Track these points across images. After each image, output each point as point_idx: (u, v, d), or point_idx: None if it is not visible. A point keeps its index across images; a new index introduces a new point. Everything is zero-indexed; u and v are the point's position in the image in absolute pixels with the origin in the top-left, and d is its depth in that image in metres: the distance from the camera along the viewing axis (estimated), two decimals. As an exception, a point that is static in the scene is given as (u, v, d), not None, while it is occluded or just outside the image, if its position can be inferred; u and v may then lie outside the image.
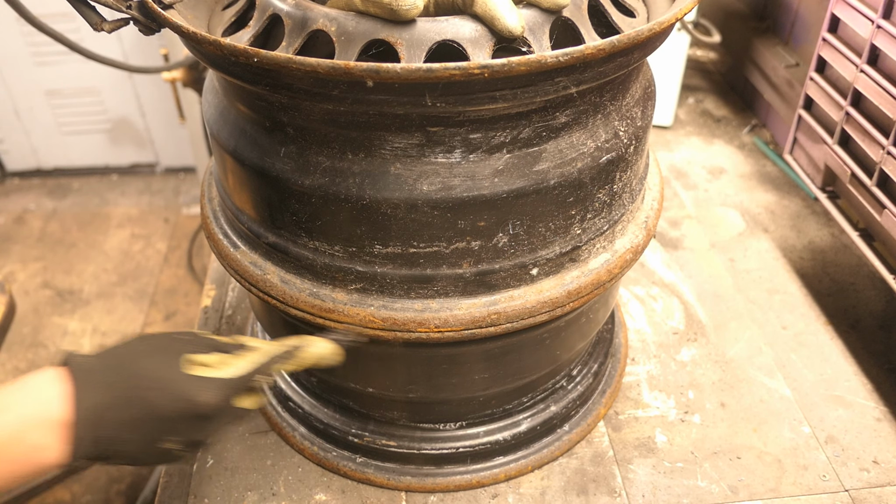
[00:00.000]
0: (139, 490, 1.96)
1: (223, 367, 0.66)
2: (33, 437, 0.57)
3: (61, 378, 0.59)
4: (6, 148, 3.13)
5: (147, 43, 2.68)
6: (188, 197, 3.08)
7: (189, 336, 0.68)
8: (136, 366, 0.62)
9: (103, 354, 0.63)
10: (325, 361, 0.71)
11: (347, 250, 0.67)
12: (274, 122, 0.65)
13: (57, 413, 0.57)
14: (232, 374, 0.65)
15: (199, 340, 0.67)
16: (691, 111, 1.68)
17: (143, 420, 0.61)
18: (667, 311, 1.15)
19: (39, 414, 0.57)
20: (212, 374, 0.64)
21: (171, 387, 0.62)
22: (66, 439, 0.58)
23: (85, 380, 0.59)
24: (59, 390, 0.58)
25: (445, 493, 0.89)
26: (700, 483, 0.90)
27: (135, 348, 0.64)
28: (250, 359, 0.67)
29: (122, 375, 0.61)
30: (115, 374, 0.61)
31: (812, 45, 1.41)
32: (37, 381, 0.59)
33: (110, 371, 0.61)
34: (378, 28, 0.60)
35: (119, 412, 0.60)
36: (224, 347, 0.68)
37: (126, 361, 0.62)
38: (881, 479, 0.90)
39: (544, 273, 0.71)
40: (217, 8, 0.76)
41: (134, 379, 0.61)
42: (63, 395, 0.58)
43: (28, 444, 0.57)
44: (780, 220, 1.34)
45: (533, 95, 0.58)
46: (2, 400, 0.58)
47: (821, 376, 1.04)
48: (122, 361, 0.62)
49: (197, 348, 0.66)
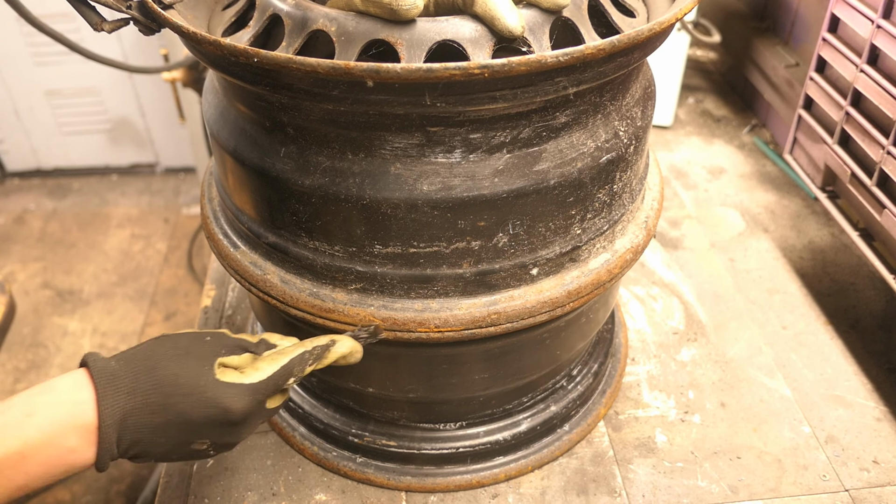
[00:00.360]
0: (139, 490, 1.96)
1: (252, 370, 0.65)
2: (64, 441, 0.58)
3: (87, 382, 0.60)
4: (6, 148, 3.13)
5: (147, 43, 2.68)
6: (188, 197, 3.08)
7: (217, 337, 0.67)
8: (164, 371, 0.62)
9: (130, 358, 0.63)
10: (349, 359, 0.70)
11: (347, 250, 0.67)
12: (274, 122, 0.65)
13: (85, 418, 0.58)
14: (262, 377, 0.64)
15: (227, 341, 0.67)
16: (691, 111, 1.68)
17: (172, 426, 0.61)
18: (667, 311, 1.15)
19: (69, 419, 0.58)
20: (242, 379, 0.64)
21: (202, 394, 0.61)
22: (95, 442, 0.59)
23: (109, 384, 0.59)
24: (86, 395, 0.59)
25: (445, 493, 0.89)
26: (700, 483, 0.90)
27: (162, 351, 0.64)
28: (278, 360, 0.66)
29: (150, 381, 0.61)
30: (144, 380, 0.61)
31: (812, 45, 1.41)
32: (65, 385, 0.60)
33: (138, 376, 0.61)
34: (378, 28, 0.60)
35: (147, 417, 0.60)
36: (252, 347, 0.67)
37: (153, 366, 0.62)
38: (881, 479, 0.90)
39: (544, 273, 0.71)
40: (217, 8, 0.76)
41: (163, 386, 0.61)
42: (90, 400, 0.59)
43: (59, 447, 0.58)
44: (780, 220, 1.34)
45: (533, 95, 0.58)
46: (31, 403, 0.59)
47: (821, 376, 1.04)
48: (149, 365, 0.62)
49: (225, 350, 0.65)
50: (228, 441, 0.66)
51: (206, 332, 0.67)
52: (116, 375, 0.60)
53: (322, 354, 0.69)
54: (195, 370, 0.62)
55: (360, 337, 0.70)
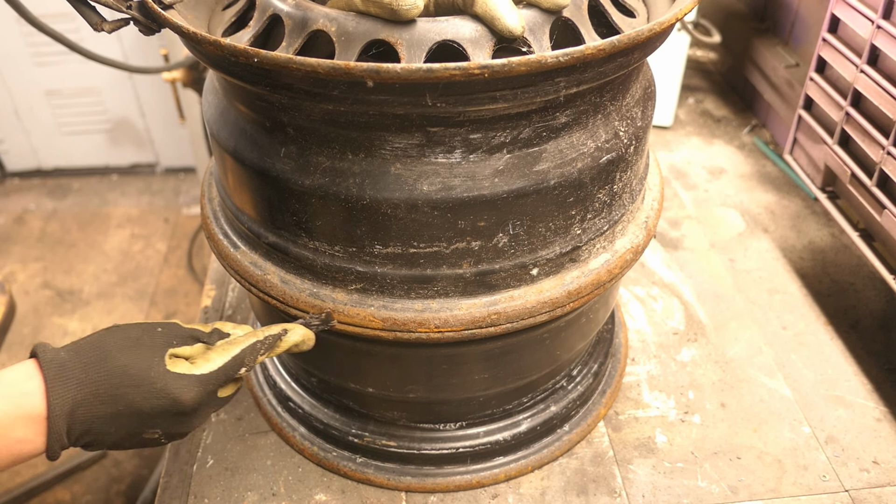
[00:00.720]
0: (139, 490, 1.96)
1: (203, 360, 0.65)
2: (12, 432, 0.58)
3: (36, 373, 0.60)
4: (6, 148, 3.13)
5: (147, 43, 2.68)
6: (188, 197, 3.08)
7: (168, 327, 0.67)
8: (115, 362, 0.61)
9: (80, 348, 0.62)
10: (301, 347, 0.71)
11: (347, 250, 0.67)
12: (274, 122, 0.65)
13: (34, 408, 0.58)
14: (212, 368, 0.64)
15: (179, 331, 0.66)
16: (691, 111, 1.68)
17: (122, 416, 0.61)
18: (667, 311, 1.15)
19: (17, 409, 0.58)
20: (193, 370, 0.64)
21: (152, 385, 0.61)
22: (44, 432, 0.59)
23: (58, 375, 0.59)
24: (35, 386, 0.59)
25: (445, 494, 0.89)
26: (700, 483, 0.90)
27: (112, 341, 0.63)
28: (230, 350, 0.66)
29: (100, 372, 0.61)
30: (93, 371, 0.61)
31: (812, 45, 1.41)
32: (13, 376, 0.60)
33: (87, 367, 0.61)
34: (378, 28, 0.60)
35: (97, 408, 0.60)
36: (205, 337, 0.67)
37: (103, 356, 0.62)
38: (881, 479, 0.90)
39: (544, 273, 0.71)
40: (217, 8, 0.76)
41: (112, 377, 0.61)
42: (39, 391, 0.59)
43: (7, 438, 0.58)
44: (780, 220, 1.34)
45: (533, 95, 0.58)
46: None
47: (821, 376, 1.04)
48: (99, 356, 0.62)
49: (177, 340, 0.65)
50: (180, 430, 0.65)
51: (157, 323, 0.67)
52: (65, 366, 0.60)
53: (274, 343, 0.69)
54: (145, 361, 0.62)
55: (311, 325, 0.70)
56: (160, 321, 0.68)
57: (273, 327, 0.70)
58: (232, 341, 0.68)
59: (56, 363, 0.60)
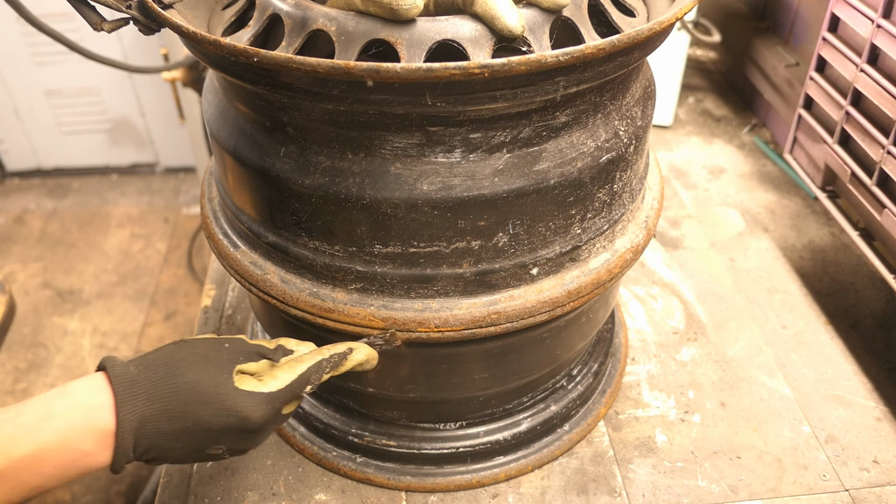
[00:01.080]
0: (139, 490, 1.96)
1: (270, 377, 0.65)
2: (80, 445, 0.58)
3: (105, 387, 0.60)
4: (6, 148, 3.13)
5: (147, 43, 2.68)
6: (188, 197, 3.08)
7: (235, 343, 0.67)
8: (184, 378, 0.62)
9: (149, 363, 0.63)
10: (365, 366, 0.71)
11: (347, 250, 0.67)
12: (274, 121, 0.65)
13: (102, 422, 0.59)
14: (280, 385, 0.64)
15: (245, 348, 0.67)
16: (691, 111, 1.68)
17: (190, 432, 0.61)
18: (667, 311, 1.15)
19: (86, 423, 0.58)
20: (261, 388, 0.64)
21: (221, 403, 0.62)
22: (111, 446, 0.59)
23: (128, 390, 0.60)
24: (104, 399, 0.59)
25: (445, 493, 0.89)
26: (700, 483, 0.90)
27: (181, 357, 0.63)
28: (296, 368, 0.66)
29: (169, 388, 0.61)
30: (163, 386, 0.61)
31: (812, 44, 1.41)
32: (82, 389, 0.60)
33: (157, 382, 0.61)
34: (378, 28, 0.60)
35: (165, 424, 0.60)
36: (269, 354, 0.68)
37: (172, 372, 0.62)
38: (881, 478, 0.90)
39: (544, 273, 0.71)
40: (217, 8, 0.76)
41: (181, 393, 0.61)
42: (108, 405, 0.59)
43: (76, 451, 0.58)
44: (780, 220, 1.34)
45: (533, 95, 0.58)
46: (48, 406, 0.59)
47: (821, 376, 1.04)
48: (167, 372, 0.62)
49: (243, 356, 0.65)
50: (244, 447, 0.66)
51: (224, 339, 0.67)
52: (135, 381, 0.60)
53: (339, 362, 0.69)
54: (214, 377, 0.62)
55: (375, 344, 0.70)
56: (227, 336, 0.68)
57: (338, 346, 0.70)
58: (297, 359, 0.68)
59: (126, 378, 0.60)
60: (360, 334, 0.71)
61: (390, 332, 0.70)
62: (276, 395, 0.64)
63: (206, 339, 0.67)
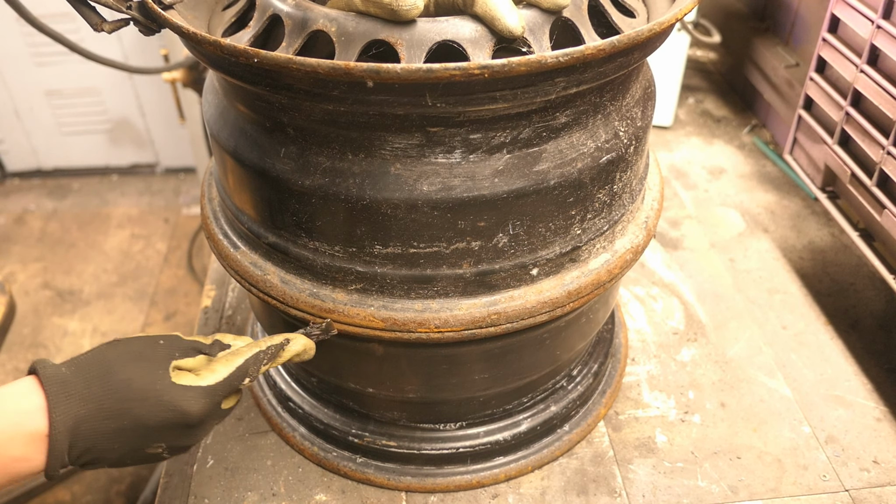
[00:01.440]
0: (139, 490, 1.96)
1: (207, 371, 0.65)
2: (10, 450, 0.57)
3: (37, 390, 0.58)
4: (6, 148, 3.13)
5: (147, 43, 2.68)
6: (188, 197, 3.08)
7: (170, 340, 0.66)
8: (118, 376, 0.60)
9: (81, 363, 0.61)
10: (303, 356, 0.71)
11: (347, 250, 0.67)
12: (274, 122, 0.65)
13: (33, 426, 0.57)
14: (217, 378, 0.64)
15: (180, 344, 0.66)
16: (691, 111, 1.68)
17: (127, 431, 0.60)
18: (667, 311, 1.15)
19: (15, 427, 0.57)
20: (198, 381, 0.63)
21: (158, 398, 0.61)
22: (44, 450, 0.58)
23: (60, 391, 0.58)
24: (35, 402, 0.58)
25: (445, 494, 0.89)
26: (700, 483, 0.90)
27: (114, 356, 0.62)
28: (233, 361, 0.66)
29: (104, 387, 0.60)
30: (97, 386, 0.59)
31: (812, 45, 1.41)
32: (12, 393, 0.59)
33: (90, 382, 0.60)
34: (378, 28, 0.60)
35: (101, 423, 0.59)
36: (206, 349, 0.67)
37: (106, 371, 0.60)
38: (881, 479, 0.90)
39: (544, 273, 0.71)
40: (217, 8, 0.76)
41: (117, 391, 0.60)
42: (39, 408, 0.57)
43: (4, 457, 0.57)
44: (780, 220, 1.34)
45: (533, 96, 0.58)
46: None
47: (821, 376, 1.04)
48: (101, 371, 0.60)
49: (179, 352, 0.65)
50: (184, 443, 0.65)
51: (158, 336, 0.66)
52: (68, 382, 0.59)
53: (276, 353, 0.69)
54: (150, 374, 0.61)
55: (312, 334, 0.71)
56: (161, 334, 0.67)
57: (275, 337, 0.70)
58: (235, 352, 0.67)
59: (57, 379, 0.59)
60: (361, 335, 0.71)
61: (326, 322, 0.70)
62: (214, 389, 0.64)
63: (139, 337, 0.66)
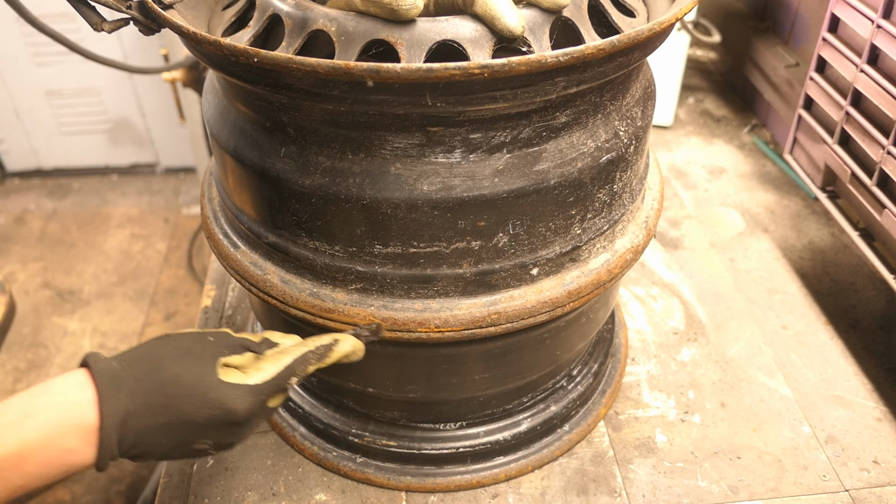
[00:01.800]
0: (139, 490, 1.96)
1: (255, 369, 0.65)
2: (63, 441, 0.57)
3: (88, 383, 0.59)
4: (6, 148, 3.13)
5: (147, 43, 2.68)
6: (188, 197, 3.08)
7: (219, 336, 0.66)
8: (167, 372, 0.61)
9: (131, 358, 0.62)
10: (351, 358, 0.70)
11: (347, 250, 0.67)
12: (274, 122, 0.65)
13: (85, 418, 0.58)
14: (265, 378, 0.64)
15: (229, 341, 0.66)
16: (691, 111, 1.68)
17: (175, 426, 0.61)
18: (667, 311, 1.15)
19: (69, 419, 0.58)
20: (245, 380, 0.63)
21: (205, 395, 0.61)
22: (95, 443, 0.58)
23: (111, 385, 0.59)
24: (87, 395, 0.58)
25: (446, 493, 0.89)
26: (700, 483, 0.90)
27: (164, 351, 0.63)
28: (281, 360, 0.66)
29: (153, 382, 0.60)
30: (146, 381, 0.60)
31: (812, 44, 1.41)
32: (64, 385, 0.59)
33: (140, 377, 0.60)
34: (378, 28, 0.60)
35: (149, 419, 0.60)
36: (254, 347, 0.67)
37: (155, 367, 0.61)
38: (881, 479, 0.90)
39: (544, 273, 0.71)
40: (217, 8, 0.76)
41: (165, 387, 0.60)
42: (91, 401, 0.58)
43: (59, 448, 0.57)
44: (780, 220, 1.34)
45: (533, 95, 0.58)
46: (30, 404, 0.58)
47: (821, 376, 1.04)
48: (151, 366, 0.61)
49: (227, 349, 0.65)
50: (230, 440, 0.65)
51: (208, 332, 0.66)
52: (118, 376, 0.60)
53: (325, 354, 0.68)
54: (198, 371, 0.62)
55: (361, 335, 0.70)
56: (211, 330, 0.67)
57: (323, 337, 0.69)
58: (283, 351, 0.67)
59: (108, 373, 0.60)
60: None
61: (377, 324, 0.69)
62: (261, 388, 0.64)
63: (190, 332, 0.66)
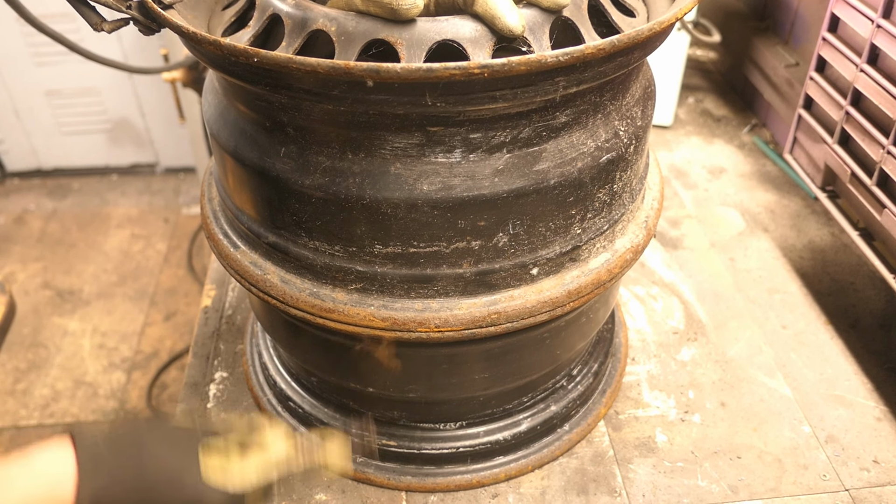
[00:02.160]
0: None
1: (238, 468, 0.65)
2: None
3: (68, 458, 0.60)
4: (6, 148, 3.13)
5: (147, 43, 2.68)
6: (188, 197, 3.08)
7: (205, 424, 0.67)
8: (148, 458, 0.62)
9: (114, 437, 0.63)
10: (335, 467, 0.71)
11: (347, 250, 0.67)
12: (274, 122, 0.65)
13: (62, 494, 0.59)
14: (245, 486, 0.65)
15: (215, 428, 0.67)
16: (691, 111, 1.68)
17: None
18: (667, 311, 1.15)
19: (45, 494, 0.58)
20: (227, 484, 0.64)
21: (183, 491, 0.62)
22: None
23: (91, 464, 0.60)
24: (66, 471, 0.59)
25: (446, 493, 0.89)
26: (700, 483, 0.90)
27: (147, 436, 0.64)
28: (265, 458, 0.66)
29: (133, 467, 0.61)
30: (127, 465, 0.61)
31: (812, 44, 1.41)
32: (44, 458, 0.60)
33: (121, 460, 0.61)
34: (378, 28, 0.60)
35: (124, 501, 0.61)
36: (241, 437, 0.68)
37: (138, 451, 0.62)
38: (881, 478, 0.90)
39: (544, 273, 0.71)
40: (217, 8, 0.76)
41: (145, 473, 0.62)
42: (69, 477, 0.59)
43: None
44: (780, 220, 1.34)
45: (533, 95, 0.58)
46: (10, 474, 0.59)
47: (821, 376, 1.04)
48: (133, 450, 0.62)
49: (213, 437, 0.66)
50: None
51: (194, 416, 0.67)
52: (100, 455, 0.61)
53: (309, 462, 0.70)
54: (179, 463, 0.63)
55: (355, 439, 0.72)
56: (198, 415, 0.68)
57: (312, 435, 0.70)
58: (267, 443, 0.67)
59: (91, 452, 0.61)
60: (361, 334, 0.71)
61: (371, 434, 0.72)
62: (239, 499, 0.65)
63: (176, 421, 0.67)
